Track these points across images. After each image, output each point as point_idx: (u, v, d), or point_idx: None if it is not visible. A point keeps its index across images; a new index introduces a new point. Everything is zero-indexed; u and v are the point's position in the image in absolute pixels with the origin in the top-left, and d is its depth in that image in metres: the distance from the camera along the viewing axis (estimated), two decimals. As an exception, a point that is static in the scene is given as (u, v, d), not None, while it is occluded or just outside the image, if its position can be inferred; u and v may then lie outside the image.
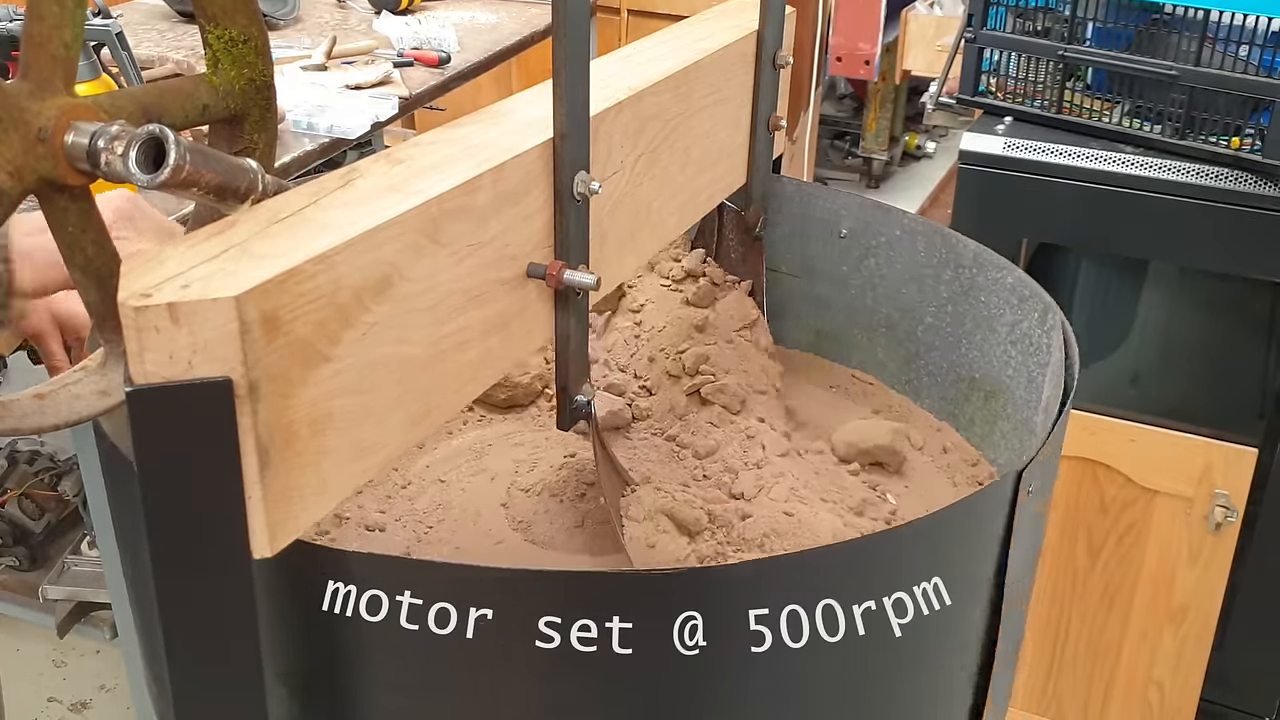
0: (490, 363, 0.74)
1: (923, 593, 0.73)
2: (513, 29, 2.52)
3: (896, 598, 0.72)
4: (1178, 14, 1.56)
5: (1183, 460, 1.70)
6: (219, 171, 0.61)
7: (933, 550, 0.74)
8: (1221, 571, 1.74)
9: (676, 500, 0.90)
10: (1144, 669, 1.86)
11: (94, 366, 0.72)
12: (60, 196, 0.63)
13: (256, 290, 0.55)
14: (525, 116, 0.78)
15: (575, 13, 0.72)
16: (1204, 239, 1.59)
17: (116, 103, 0.64)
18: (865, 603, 0.71)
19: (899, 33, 2.48)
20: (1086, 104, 1.68)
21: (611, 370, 1.13)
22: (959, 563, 0.76)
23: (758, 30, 1.03)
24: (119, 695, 2.26)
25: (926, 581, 0.73)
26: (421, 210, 0.65)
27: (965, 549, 0.77)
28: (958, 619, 0.77)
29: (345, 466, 0.63)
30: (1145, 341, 1.89)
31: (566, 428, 0.86)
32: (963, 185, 1.69)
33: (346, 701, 0.72)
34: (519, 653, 0.68)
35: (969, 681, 0.82)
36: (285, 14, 2.42)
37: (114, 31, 1.60)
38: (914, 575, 0.73)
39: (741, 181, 1.10)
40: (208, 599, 0.58)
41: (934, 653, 0.77)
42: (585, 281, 0.77)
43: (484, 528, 1.00)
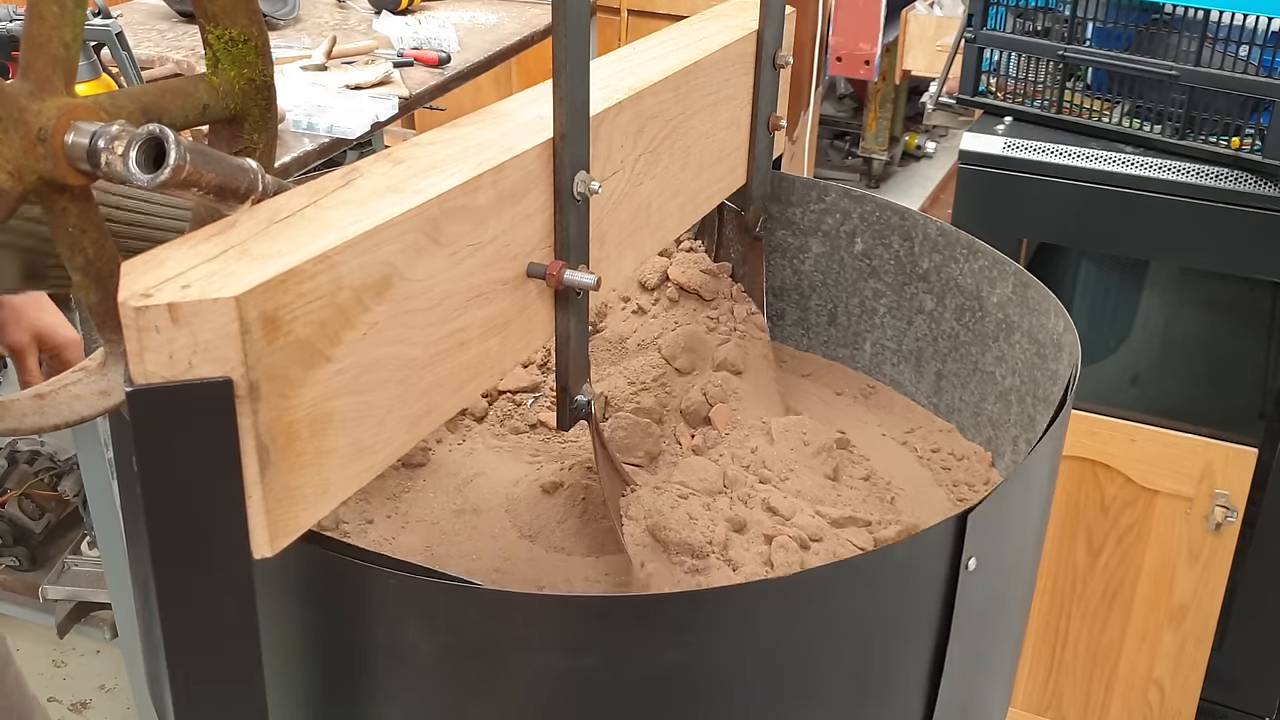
0: (490, 363, 0.75)
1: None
2: (513, 29, 2.52)
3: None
4: (1178, 14, 1.56)
5: (1183, 460, 1.70)
6: (219, 171, 0.61)
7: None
8: (1221, 571, 1.74)
9: (665, 515, 0.89)
10: (1144, 669, 1.86)
11: (94, 366, 0.72)
12: (60, 196, 0.63)
13: (257, 290, 0.55)
14: (525, 116, 0.78)
15: (575, 13, 0.72)
16: (1204, 239, 1.59)
17: (116, 103, 0.64)
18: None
19: (899, 33, 2.48)
20: (1086, 104, 1.68)
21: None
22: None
23: (758, 30, 1.03)
24: (119, 695, 2.27)
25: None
26: (422, 210, 0.65)
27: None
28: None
29: (345, 466, 0.63)
30: (1145, 341, 1.89)
31: (566, 428, 0.86)
32: (963, 185, 1.69)
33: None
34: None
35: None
36: (285, 14, 2.42)
37: (114, 31, 1.60)
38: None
39: (741, 181, 1.10)
40: (208, 599, 0.58)
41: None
42: (585, 281, 0.77)
43: (486, 530, 1.00)
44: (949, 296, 1.11)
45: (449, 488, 1.06)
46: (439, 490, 1.06)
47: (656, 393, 1.05)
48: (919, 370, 1.16)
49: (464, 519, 1.01)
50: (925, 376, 1.16)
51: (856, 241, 1.17)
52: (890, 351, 1.19)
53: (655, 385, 1.06)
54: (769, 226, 1.20)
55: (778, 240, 1.22)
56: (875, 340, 1.20)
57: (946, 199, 4.13)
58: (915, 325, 1.15)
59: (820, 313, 1.23)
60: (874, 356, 1.20)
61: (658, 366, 1.07)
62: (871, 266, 1.17)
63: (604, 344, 1.13)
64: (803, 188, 1.18)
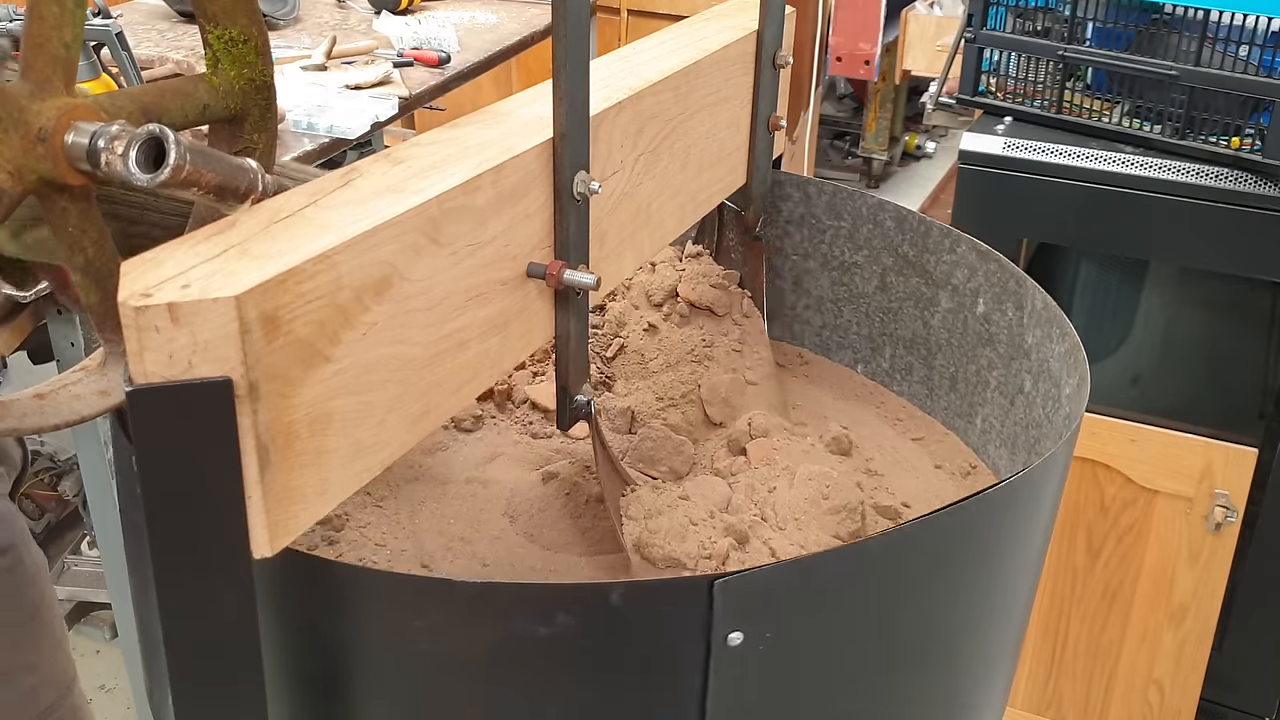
0: (490, 363, 0.74)
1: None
2: (513, 29, 2.52)
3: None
4: (1178, 14, 1.56)
5: (1183, 460, 1.70)
6: (219, 171, 0.61)
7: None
8: (1221, 571, 1.74)
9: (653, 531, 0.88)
10: (1144, 669, 1.86)
11: (94, 366, 0.72)
12: (60, 196, 0.63)
13: (256, 290, 0.55)
14: (525, 116, 0.78)
15: (575, 13, 0.72)
16: (1204, 239, 1.59)
17: (116, 103, 0.64)
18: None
19: (899, 33, 2.48)
20: (1086, 104, 1.68)
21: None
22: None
23: (758, 30, 1.03)
24: (119, 695, 2.27)
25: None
26: (421, 210, 0.65)
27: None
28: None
29: (345, 466, 0.63)
30: (1145, 341, 1.89)
31: (566, 428, 0.86)
32: (963, 185, 1.69)
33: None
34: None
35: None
36: (285, 14, 2.42)
37: (114, 31, 1.60)
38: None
39: (741, 181, 1.10)
40: (208, 599, 0.58)
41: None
42: (585, 281, 0.77)
43: (487, 531, 1.00)
44: (1042, 380, 1.00)
45: (448, 486, 1.06)
46: (437, 489, 1.06)
47: (684, 409, 1.04)
48: (1013, 456, 1.04)
49: (463, 519, 1.01)
50: (1016, 466, 1.04)
51: (979, 302, 1.08)
52: (995, 431, 1.08)
53: (682, 401, 1.05)
54: (904, 274, 1.12)
55: (912, 287, 1.14)
56: (985, 416, 1.09)
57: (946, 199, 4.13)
58: (1016, 406, 1.04)
59: (944, 374, 1.14)
60: (982, 433, 1.10)
61: (686, 383, 1.06)
62: (989, 333, 1.08)
63: (632, 359, 1.10)
64: (939, 235, 1.11)
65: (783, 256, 1.23)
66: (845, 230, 1.18)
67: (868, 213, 1.16)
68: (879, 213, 1.15)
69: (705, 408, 1.06)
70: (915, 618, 0.74)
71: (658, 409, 1.05)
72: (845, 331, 1.22)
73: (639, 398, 1.06)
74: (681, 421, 1.04)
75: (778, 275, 1.24)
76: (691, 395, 1.05)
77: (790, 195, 1.20)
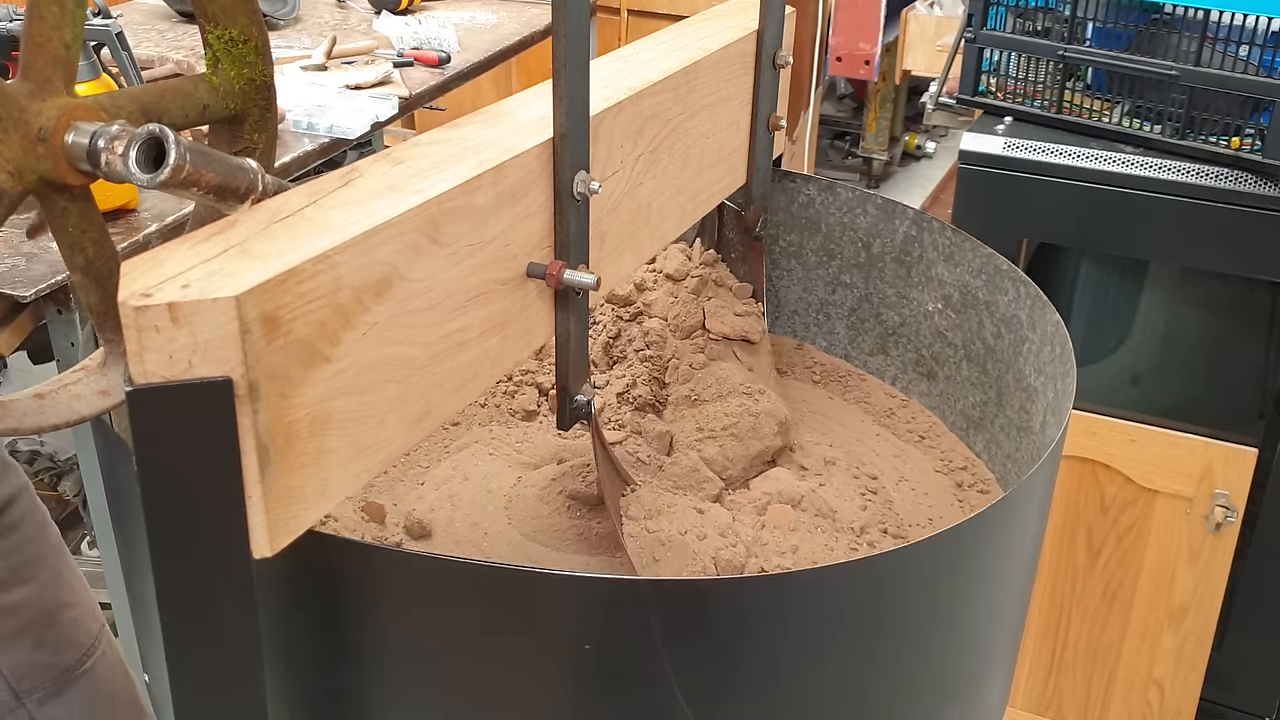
0: (490, 363, 0.74)
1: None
2: (513, 29, 2.52)
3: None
4: (1178, 14, 1.56)
5: (1183, 460, 1.70)
6: (219, 171, 0.62)
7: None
8: (1221, 571, 1.74)
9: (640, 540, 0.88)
10: (1144, 669, 1.86)
11: (94, 366, 0.72)
12: (60, 196, 0.63)
13: (256, 290, 0.55)
14: (525, 116, 0.78)
15: (575, 13, 0.72)
16: (1204, 239, 1.59)
17: (116, 103, 0.64)
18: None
19: (899, 33, 2.48)
20: (1086, 104, 1.68)
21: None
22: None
23: (758, 30, 1.03)
24: (119, 695, 2.26)
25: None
26: (421, 210, 0.65)
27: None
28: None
29: (345, 466, 0.63)
30: (1145, 341, 1.89)
31: (566, 428, 0.86)
32: (963, 185, 1.69)
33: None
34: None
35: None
36: (285, 14, 2.42)
37: (114, 31, 1.60)
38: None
39: (742, 181, 1.10)
40: (208, 598, 0.58)
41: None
42: (585, 281, 0.77)
43: (487, 530, 1.00)
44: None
45: (449, 486, 1.06)
46: (437, 488, 1.06)
47: (724, 442, 1.04)
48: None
49: (462, 518, 1.01)
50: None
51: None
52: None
53: (723, 434, 1.04)
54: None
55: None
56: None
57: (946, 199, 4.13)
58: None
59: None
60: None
61: (731, 415, 1.05)
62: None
63: (682, 401, 1.09)
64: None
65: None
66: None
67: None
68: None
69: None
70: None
71: (695, 440, 1.04)
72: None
73: (679, 427, 1.06)
74: (717, 455, 1.03)
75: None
76: (733, 429, 1.04)
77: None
